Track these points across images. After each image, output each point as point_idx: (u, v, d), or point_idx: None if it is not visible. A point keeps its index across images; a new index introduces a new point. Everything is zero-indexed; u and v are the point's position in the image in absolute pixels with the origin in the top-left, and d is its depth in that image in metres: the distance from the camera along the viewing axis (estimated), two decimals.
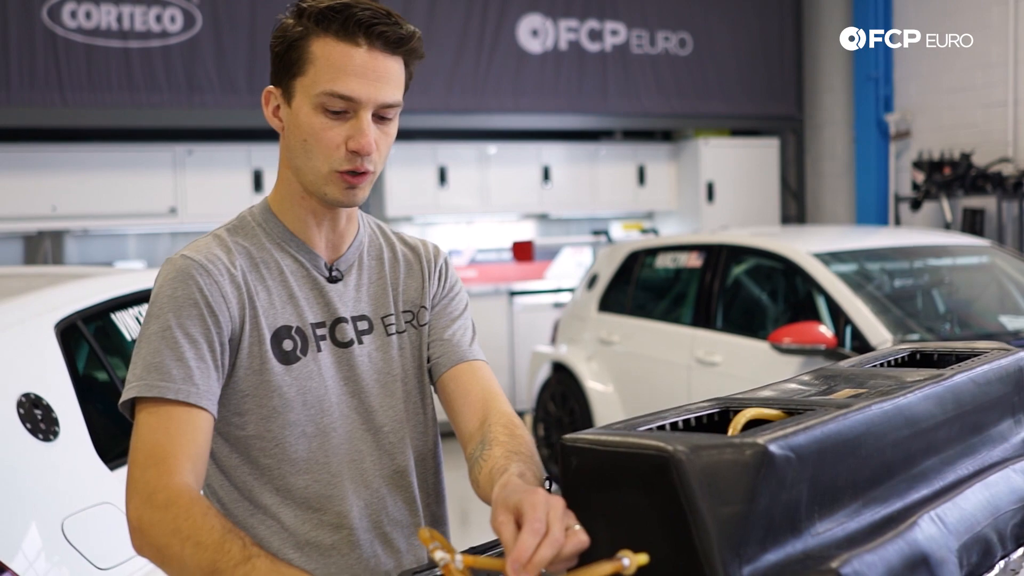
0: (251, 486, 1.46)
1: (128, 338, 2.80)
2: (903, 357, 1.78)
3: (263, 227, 1.52)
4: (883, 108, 8.53)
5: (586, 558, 1.15)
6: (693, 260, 5.77)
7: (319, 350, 1.49)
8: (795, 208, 9.41)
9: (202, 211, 7.38)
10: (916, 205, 7.86)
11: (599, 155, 8.73)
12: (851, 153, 9.00)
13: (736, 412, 1.35)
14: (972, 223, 7.58)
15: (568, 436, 1.24)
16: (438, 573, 1.42)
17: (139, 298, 2.87)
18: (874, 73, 8.49)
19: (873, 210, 8.55)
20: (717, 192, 8.90)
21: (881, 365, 1.71)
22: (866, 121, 8.67)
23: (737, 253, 5.54)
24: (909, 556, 1.21)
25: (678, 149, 9.07)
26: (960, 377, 1.51)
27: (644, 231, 8.97)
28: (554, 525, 1.12)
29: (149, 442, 1.35)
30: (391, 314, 1.57)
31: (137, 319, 2.85)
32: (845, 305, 4.69)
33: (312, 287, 1.52)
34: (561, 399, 6.32)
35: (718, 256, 5.56)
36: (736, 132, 9.21)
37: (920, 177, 7.89)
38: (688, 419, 1.34)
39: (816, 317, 4.81)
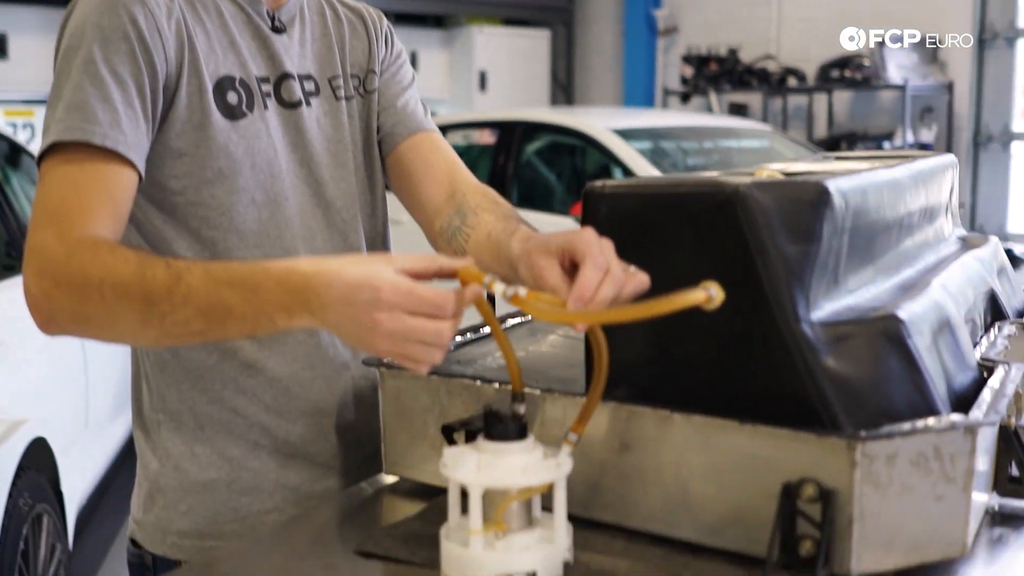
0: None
1: None
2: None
3: None
4: (652, 3, 8.65)
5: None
6: (486, 137, 5.68)
7: (265, 107, 1.29)
8: (563, 101, 9.46)
9: None
10: (685, 98, 8.04)
11: None
12: (620, 47, 9.10)
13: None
14: (737, 117, 7.84)
15: (595, 184, 1.11)
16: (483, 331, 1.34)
17: None
18: None
19: (641, 104, 8.70)
20: (489, 82, 8.82)
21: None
22: (635, 16, 8.78)
23: (532, 130, 5.49)
24: (936, 316, 1.15)
25: (451, 36, 8.91)
26: (918, 164, 1.47)
27: None
28: (613, 263, 1.00)
29: (54, 198, 1.13)
30: (338, 76, 1.37)
31: None
32: None
33: (255, 36, 1.30)
34: None
35: (512, 133, 5.48)
36: (509, 21, 9.13)
37: (689, 72, 8.07)
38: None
39: None
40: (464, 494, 1.06)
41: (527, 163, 5.54)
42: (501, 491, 1.00)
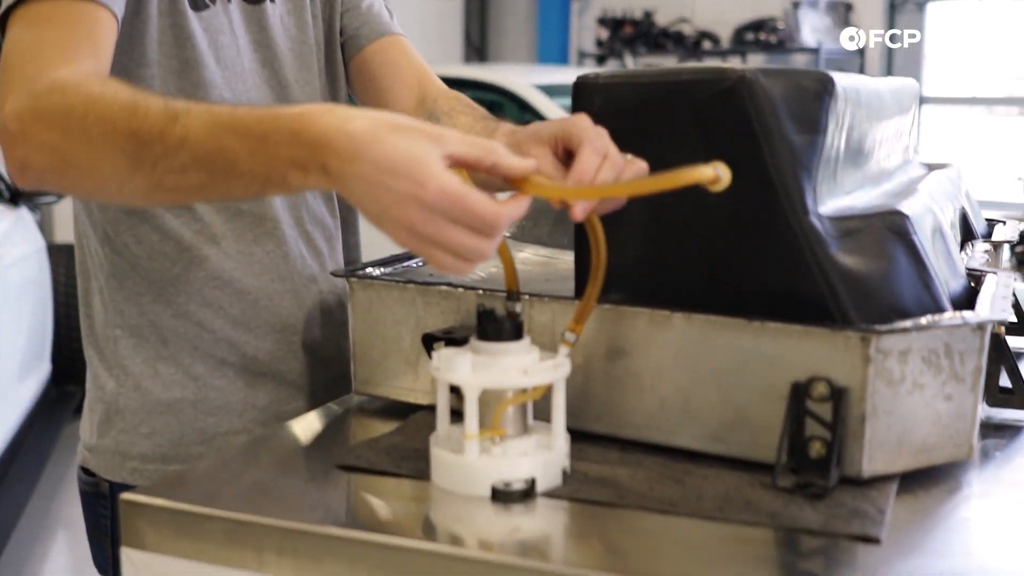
0: None
1: None
2: None
3: None
4: None
5: None
6: None
7: (228, 0, 1.20)
8: (478, 63, 9.36)
9: None
10: (600, 60, 8.01)
11: None
12: (533, 9, 9.03)
13: None
14: None
15: (587, 74, 1.05)
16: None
17: None
18: None
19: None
20: None
21: None
22: None
23: (452, 86, 5.39)
24: (930, 221, 1.12)
25: None
26: (891, 81, 1.44)
27: None
28: (611, 147, 0.94)
29: (28, 40, 1.01)
30: None
31: None
32: None
33: None
34: None
35: None
36: None
37: (604, 34, 8.04)
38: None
39: None
40: (455, 400, 1.00)
41: None
42: (497, 394, 0.94)
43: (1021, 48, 7.17)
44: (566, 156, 0.98)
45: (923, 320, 0.95)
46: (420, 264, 1.27)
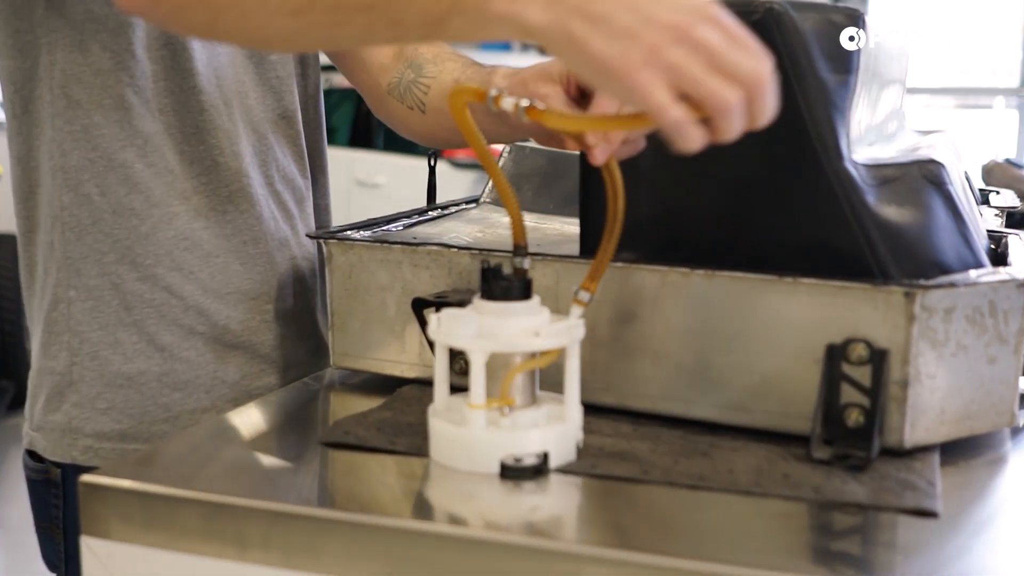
0: (130, 102, 1.05)
1: None
2: None
3: None
4: None
5: None
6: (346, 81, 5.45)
7: None
8: None
9: None
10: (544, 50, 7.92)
11: None
12: None
13: None
14: None
15: None
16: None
17: None
18: None
19: (497, 50, 8.55)
20: None
21: None
22: None
23: None
24: (956, 175, 1.04)
25: None
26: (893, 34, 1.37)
27: None
28: None
29: None
30: None
31: None
32: None
33: None
34: None
35: None
36: None
37: None
38: None
39: None
40: (457, 366, 0.91)
41: None
42: (504, 359, 0.84)
43: (963, 39, 7.22)
44: (579, 93, 0.88)
45: (970, 275, 0.87)
46: (401, 228, 1.17)
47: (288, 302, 1.16)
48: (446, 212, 1.29)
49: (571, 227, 1.23)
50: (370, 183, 4.99)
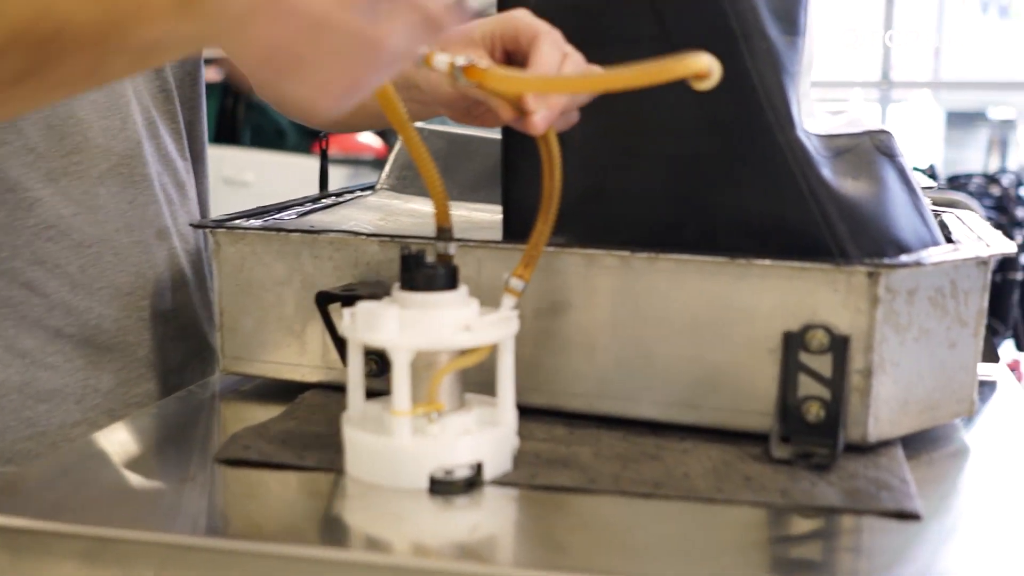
0: None
1: None
2: None
3: None
4: None
5: None
6: (211, 75, 5.25)
7: None
8: None
9: None
10: None
11: None
12: None
13: None
14: None
15: None
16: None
17: None
18: None
19: None
20: None
21: None
22: None
23: None
24: None
25: None
26: None
27: None
28: (567, 45, 0.76)
29: None
30: None
31: None
32: None
33: None
34: None
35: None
36: None
37: None
38: None
39: None
40: (369, 367, 0.80)
41: (258, 104, 5.17)
42: (428, 358, 0.74)
43: (823, 32, 7.33)
44: (505, 59, 0.79)
45: (932, 253, 0.81)
46: (295, 216, 1.06)
47: (167, 298, 1.03)
48: (341, 200, 1.17)
49: (479, 214, 1.13)
50: (239, 181, 4.80)
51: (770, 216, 0.80)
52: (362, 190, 1.25)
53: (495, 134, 1.22)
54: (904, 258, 0.79)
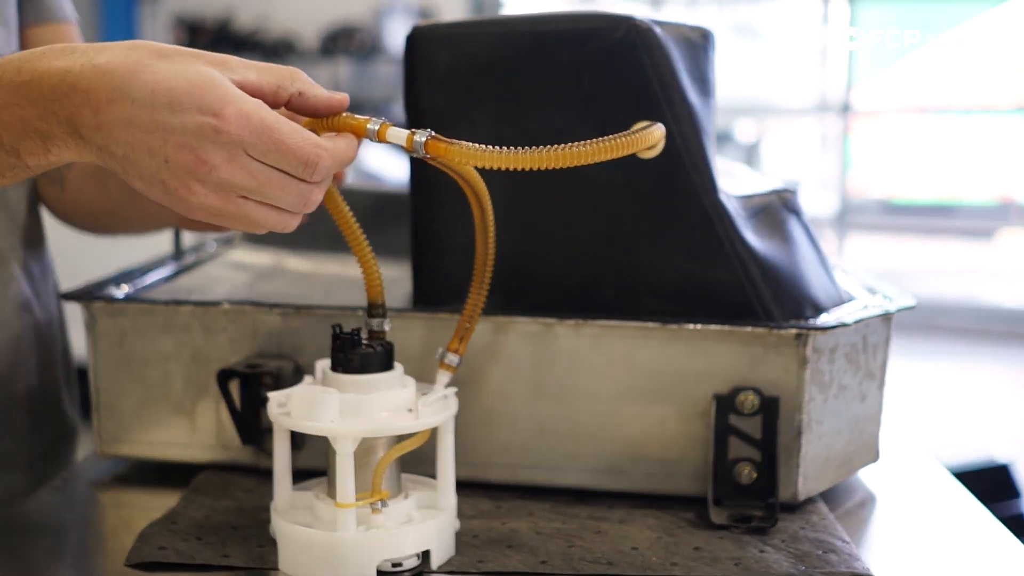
0: None
1: None
2: None
3: None
4: None
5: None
6: None
7: None
8: None
9: None
10: None
11: None
12: (95, 14, 8.36)
13: None
14: None
15: (422, 25, 0.83)
16: None
17: None
18: None
19: None
20: None
21: None
22: None
23: None
24: None
25: None
26: None
27: None
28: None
29: None
30: None
31: None
32: None
33: None
34: None
35: None
36: None
37: (183, 39, 7.58)
38: None
39: None
40: (268, 446, 0.75)
41: None
42: (368, 443, 0.70)
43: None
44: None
45: (848, 311, 0.82)
46: (162, 280, 0.98)
47: (31, 379, 0.93)
48: (202, 258, 1.10)
49: (346, 270, 1.08)
50: None
51: (694, 279, 0.80)
52: (208, 246, 1.18)
53: (360, 184, 1.18)
54: (828, 319, 0.80)
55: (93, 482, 0.89)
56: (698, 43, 0.83)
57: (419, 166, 0.84)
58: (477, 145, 0.61)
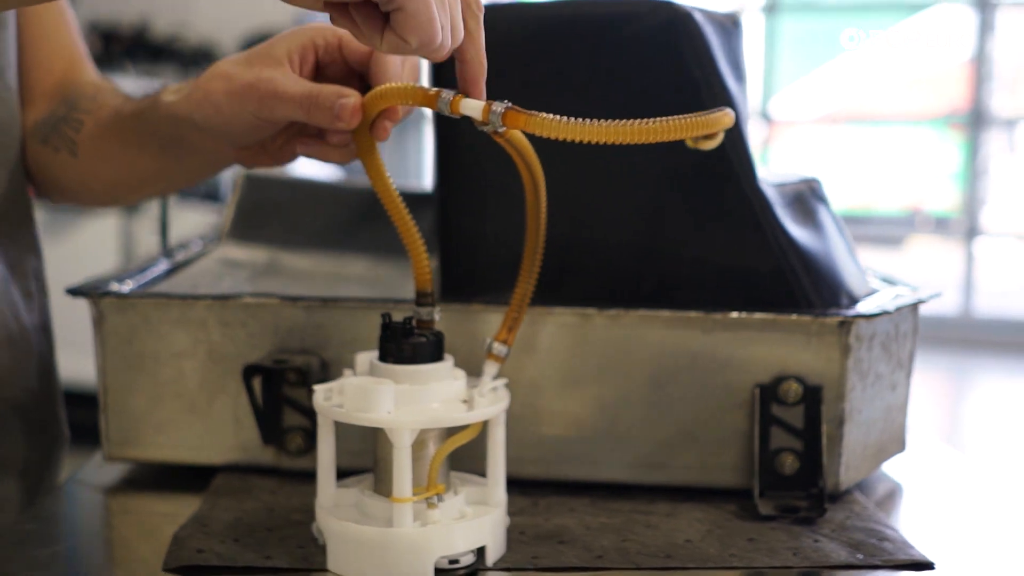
0: None
1: None
2: None
3: None
4: None
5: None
6: None
7: None
8: None
9: None
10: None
11: None
12: None
13: None
14: None
15: None
16: None
17: None
18: None
19: None
20: None
21: None
22: None
23: None
24: None
25: None
26: None
27: None
28: None
29: None
30: None
31: None
32: None
33: None
34: None
35: None
36: None
37: (98, 45, 7.42)
38: None
39: None
40: (294, 444, 0.72)
41: None
42: (420, 435, 0.67)
43: None
44: (315, 72, 0.75)
45: (887, 298, 0.82)
46: (161, 275, 0.94)
47: (30, 383, 0.88)
48: (201, 253, 1.06)
49: (343, 267, 1.04)
50: None
51: (735, 268, 0.79)
52: (202, 240, 1.14)
53: (352, 180, 1.16)
54: (870, 306, 0.80)
55: (97, 487, 0.85)
56: (730, 29, 0.82)
57: (447, 158, 0.82)
58: (557, 116, 0.59)
